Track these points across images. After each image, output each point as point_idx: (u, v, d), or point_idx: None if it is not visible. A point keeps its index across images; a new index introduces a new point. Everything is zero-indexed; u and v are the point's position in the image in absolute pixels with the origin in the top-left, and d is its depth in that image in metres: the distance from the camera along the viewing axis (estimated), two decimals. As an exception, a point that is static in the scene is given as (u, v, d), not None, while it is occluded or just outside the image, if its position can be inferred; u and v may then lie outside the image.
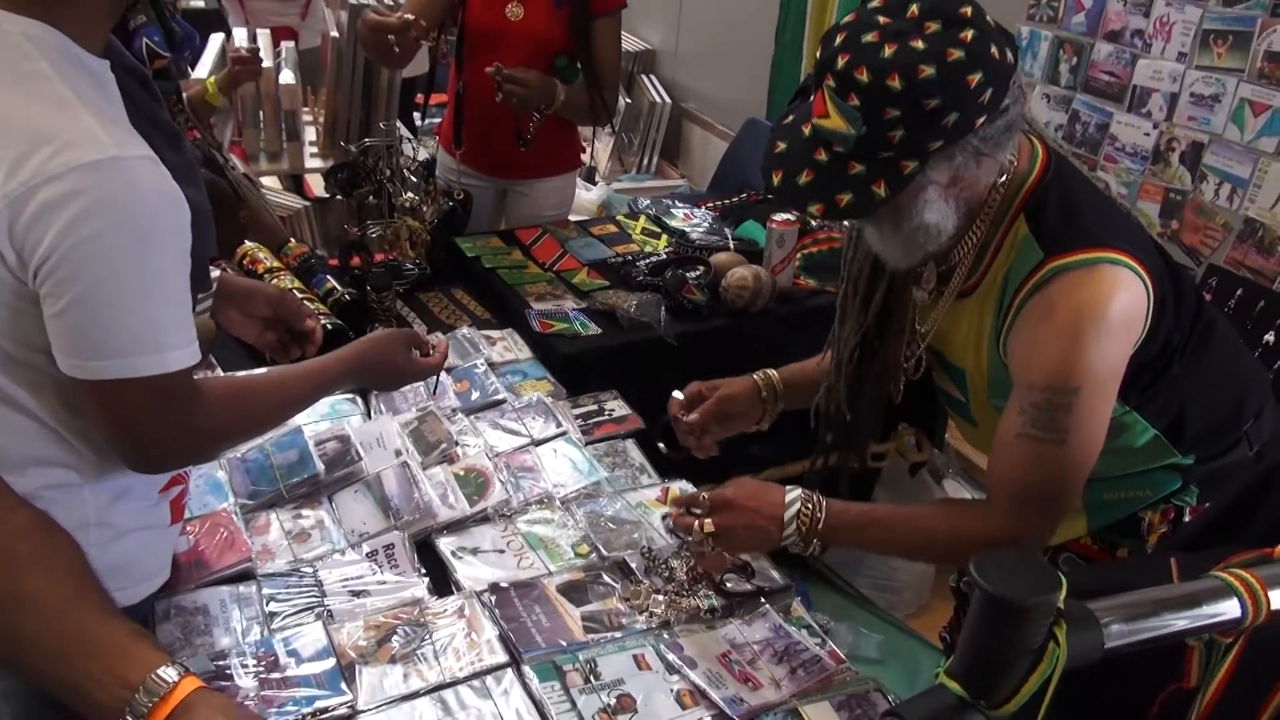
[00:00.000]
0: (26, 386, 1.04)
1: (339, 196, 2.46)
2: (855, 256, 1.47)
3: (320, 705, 1.16)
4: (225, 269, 2.09)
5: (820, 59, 1.17)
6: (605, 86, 2.51)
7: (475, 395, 1.84)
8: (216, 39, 3.13)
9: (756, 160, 3.73)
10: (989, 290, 1.31)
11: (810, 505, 1.33)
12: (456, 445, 1.67)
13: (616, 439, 1.77)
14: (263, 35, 3.59)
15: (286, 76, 3.37)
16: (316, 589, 1.35)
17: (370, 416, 1.76)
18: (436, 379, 1.62)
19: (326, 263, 2.25)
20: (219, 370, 1.77)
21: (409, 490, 1.53)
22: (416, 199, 2.34)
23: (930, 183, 1.19)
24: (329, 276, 2.12)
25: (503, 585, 1.37)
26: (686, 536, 1.40)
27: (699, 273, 2.30)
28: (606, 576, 1.42)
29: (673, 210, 2.75)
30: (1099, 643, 0.72)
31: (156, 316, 1.00)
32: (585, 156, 3.66)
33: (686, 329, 2.16)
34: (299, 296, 1.95)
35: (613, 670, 1.25)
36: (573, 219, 2.77)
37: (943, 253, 1.32)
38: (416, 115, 3.65)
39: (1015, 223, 1.27)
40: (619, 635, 1.32)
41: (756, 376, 1.63)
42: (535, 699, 1.21)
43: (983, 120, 1.14)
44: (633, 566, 1.44)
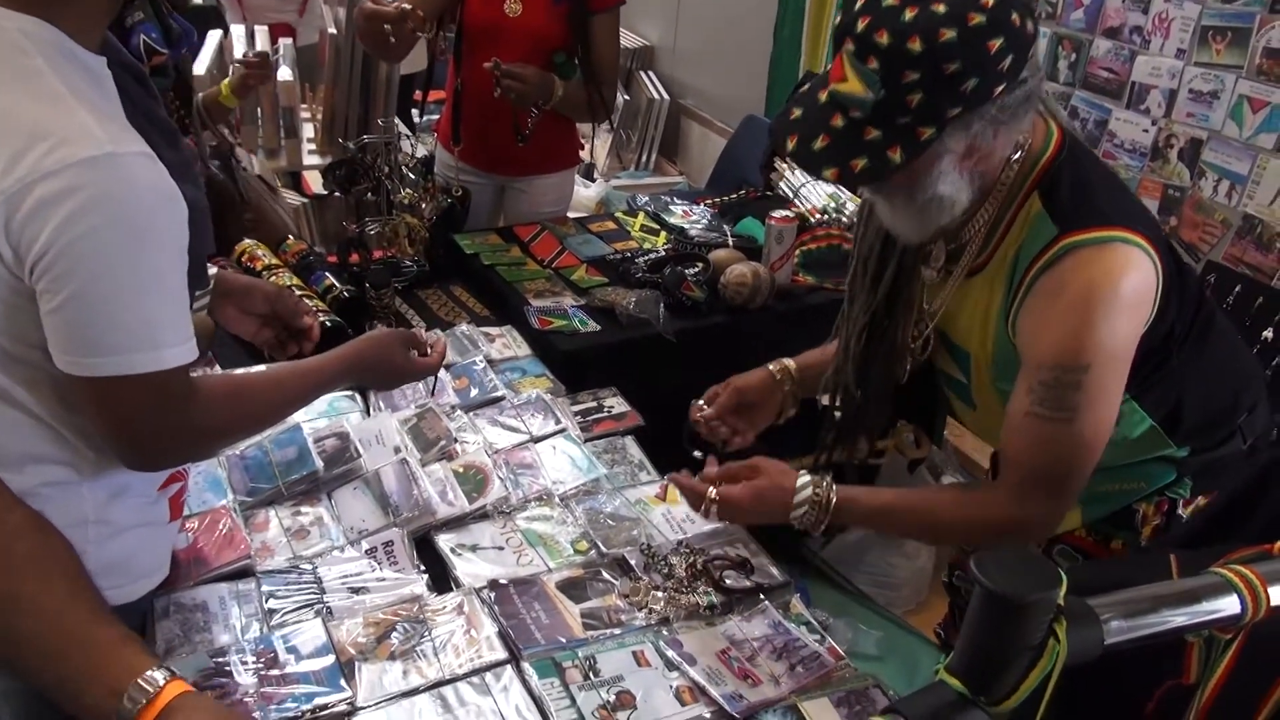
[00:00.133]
0: (24, 384, 1.04)
1: (337, 193, 2.46)
2: (865, 234, 1.46)
3: (319, 702, 1.16)
4: (225, 265, 2.09)
5: (840, 24, 1.17)
6: (603, 83, 2.50)
7: (474, 392, 1.84)
8: (214, 36, 3.12)
9: (755, 157, 3.71)
10: (998, 268, 1.30)
11: (821, 488, 1.33)
12: (456, 442, 1.67)
13: (615, 436, 1.77)
14: (261, 32, 3.58)
15: (284, 73, 3.36)
16: (316, 586, 1.35)
17: (369, 413, 1.76)
18: (435, 378, 1.62)
19: (325, 260, 2.24)
20: (218, 367, 1.77)
21: (408, 487, 1.53)
22: (415, 196, 2.34)
23: (946, 151, 1.18)
24: (327, 274, 2.12)
25: (502, 582, 1.37)
26: (697, 504, 1.38)
27: (698, 270, 2.29)
28: (606, 573, 1.42)
29: (671, 207, 2.74)
30: (1099, 639, 0.72)
31: (153, 313, 1.00)
32: (584, 153, 3.66)
33: (685, 326, 2.16)
34: (297, 294, 1.95)
35: (612, 667, 1.25)
36: (571, 216, 2.76)
37: (953, 230, 1.32)
38: (415, 112, 3.65)
39: (1028, 200, 1.26)
40: (618, 632, 1.32)
41: (772, 366, 1.63)
42: (535, 696, 1.21)
43: (1002, 88, 1.13)
44: (632, 563, 1.44)
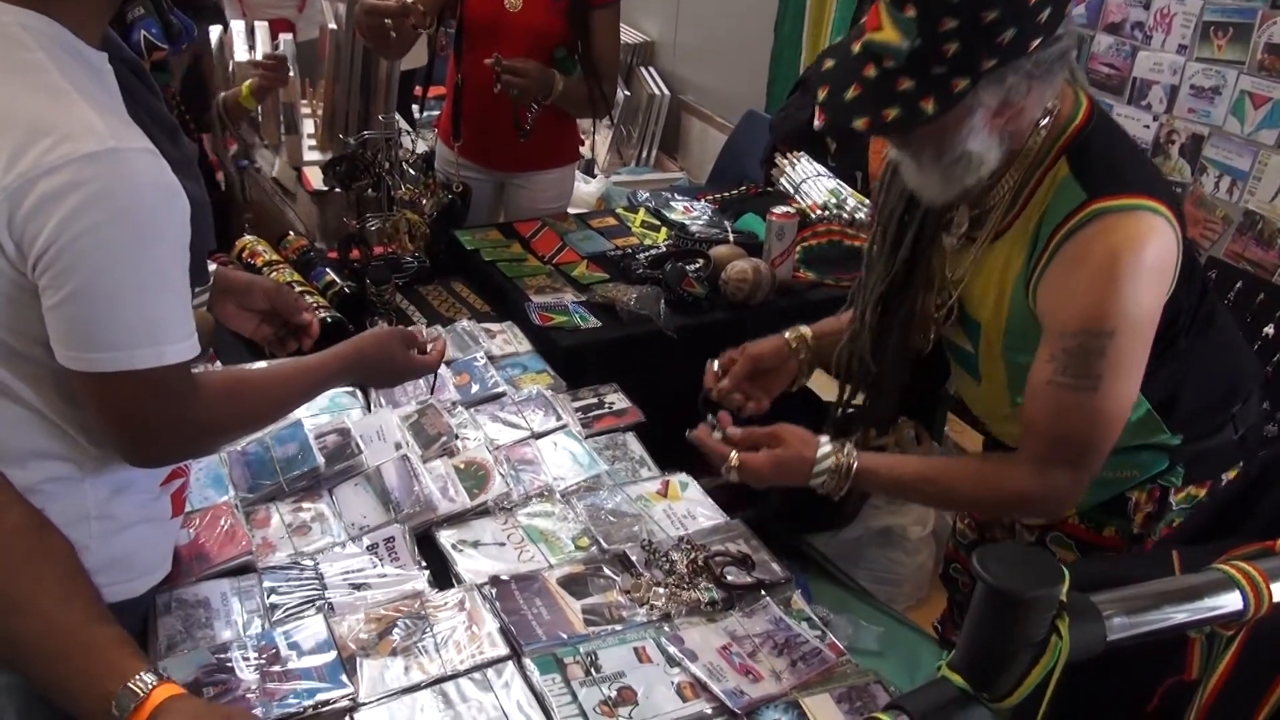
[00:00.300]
0: (26, 379, 1.04)
1: (338, 189, 2.46)
2: (887, 200, 1.46)
3: (321, 698, 1.16)
4: (226, 262, 2.09)
5: None
6: (604, 78, 2.50)
7: (475, 388, 1.84)
8: (214, 32, 3.11)
9: (756, 153, 3.69)
10: (1020, 233, 1.29)
11: (842, 456, 1.33)
12: (456, 438, 1.67)
13: (616, 432, 1.77)
14: (260, 28, 3.57)
15: (284, 69, 3.35)
16: (317, 582, 1.35)
17: (370, 410, 1.76)
18: (435, 375, 1.62)
19: (325, 256, 2.24)
20: (219, 363, 1.77)
21: (409, 483, 1.53)
22: (415, 191, 2.34)
23: (979, 105, 1.18)
24: (328, 270, 2.12)
25: (503, 578, 1.37)
26: (720, 464, 1.38)
27: (698, 266, 2.29)
28: (607, 569, 1.42)
29: (672, 203, 2.74)
30: (1101, 635, 0.72)
31: (154, 310, 1.00)
32: (584, 149, 3.65)
33: (686, 322, 2.16)
34: (298, 290, 1.95)
35: (613, 663, 1.26)
36: (572, 212, 2.76)
37: (977, 196, 1.31)
38: (415, 108, 3.64)
39: (1055, 166, 1.26)
40: (619, 628, 1.32)
41: (787, 333, 1.62)
42: (536, 691, 1.21)
43: (1039, 42, 1.13)
44: (633, 559, 1.44)
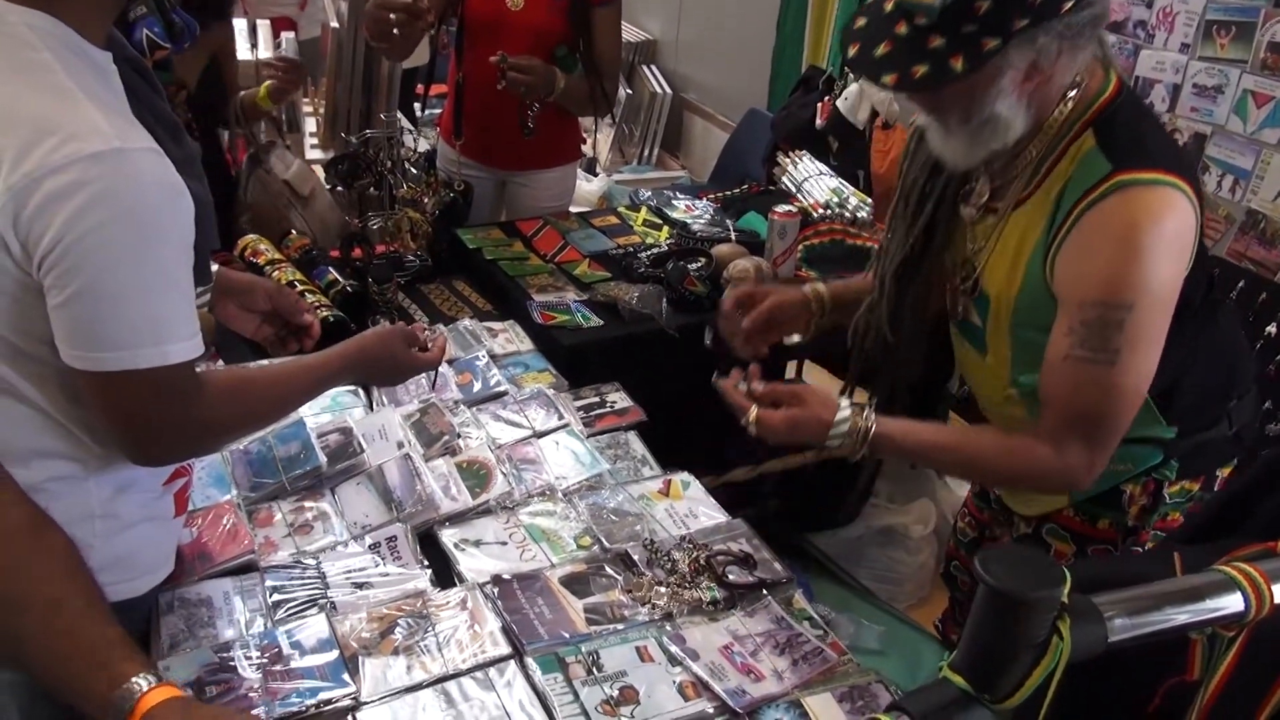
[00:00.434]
0: (31, 378, 1.04)
1: (340, 188, 2.46)
2: (910, 168, 1.46)
3: (323, 697, 1.16)
4: (229, 259, 2.09)
5: None
6: (605, 77, 2.50)
7: (477, 387, 1.84)
8: (238, 27, 3.11)
9: (758, 151, 3.69)
10: (1041, 204, 1.29)
11: (860, 419, 1.34)
12: (459, 437, 1.67)
13: (618, 431, 1.78)
14: (262, 26, 3.58)
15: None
16: (319, 581, 1.35)
17: (372, 408, 1.76)
18: (436, 373, 1.62)
19: (328, 254, 2.24)
20: (221, 363, 1.77)
21: (411, 482, 1.53)
22: (417, 190, 2.34)
23: (1009, 67, 1.18)
24: (330, 268, 2.12)
25: (505, 577, 1.38)
26: (741, 416, 1.38)
27: (700, 264, 2.29)
28: (609, 568, 1.42)
29: (674, 202, 2.74)
30: (1103, 636, 0.72)
31: (158, 309, 1.00)
32: (586, 148, 3.65)
33: (688, 321, 2.16)
34: (300, 289, 1.95)
35: (615, 662, 1.26)
36: (574, 210, 2.76)
37: (1000, 166, 1.31)
38: (417, 106, 3.64)
39: (1081, 137, 1.26)
40: (621, 627, 1.33)
41: (806, 289, 1.63)
42: (538, 691, 1.21)
43: (1071, 5, 1.13)
44: (635, 558, 1.44)
